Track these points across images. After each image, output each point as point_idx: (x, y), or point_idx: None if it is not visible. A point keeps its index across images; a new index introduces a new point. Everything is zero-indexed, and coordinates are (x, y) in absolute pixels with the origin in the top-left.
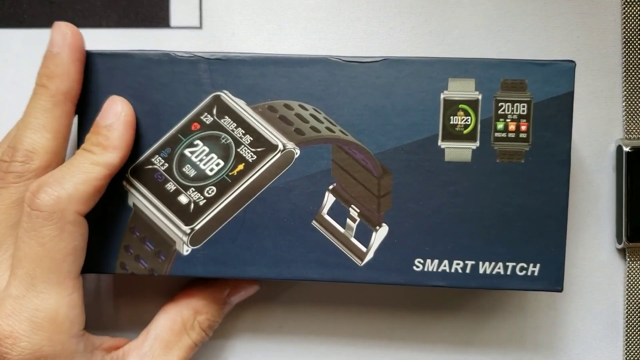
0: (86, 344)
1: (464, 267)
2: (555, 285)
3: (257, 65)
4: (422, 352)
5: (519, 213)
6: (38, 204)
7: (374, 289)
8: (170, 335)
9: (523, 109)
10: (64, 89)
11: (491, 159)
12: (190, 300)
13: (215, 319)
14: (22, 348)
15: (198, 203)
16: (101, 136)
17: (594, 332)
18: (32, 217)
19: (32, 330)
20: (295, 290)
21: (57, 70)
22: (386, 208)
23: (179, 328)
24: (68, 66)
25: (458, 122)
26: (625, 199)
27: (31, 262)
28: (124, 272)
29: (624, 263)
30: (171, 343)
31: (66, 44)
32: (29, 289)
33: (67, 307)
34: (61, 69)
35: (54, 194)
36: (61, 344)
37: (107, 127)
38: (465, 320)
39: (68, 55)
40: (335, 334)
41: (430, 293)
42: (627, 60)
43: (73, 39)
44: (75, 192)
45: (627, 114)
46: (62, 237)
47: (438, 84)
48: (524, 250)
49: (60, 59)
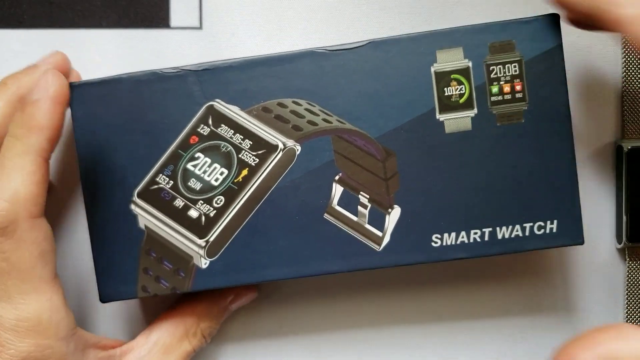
0: (77, 343)
1: (482, 235)
2: (575, 239)
3: (245, 69)
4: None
5: (527, 173)
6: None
7: (375, 284)
8: (171, 340)
9: (515, 69)
10: (21, 93)
11: (491, 124)
12: (194, 307)
13: (216, 326)
14: (10, 355)
15: (209, 215)
16: (25, 115)
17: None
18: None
19: (17, 339)
20: (294, 290)
21: (23, 73)
22: (395, 189)
23: (181, 334)
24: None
25: (452, 92)
26: (624, 199)
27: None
28: (146, 295)
29: (624, 263)
30: (172, 348)
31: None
32: (6, 302)
33: (48, 312)
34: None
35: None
36: (50, 348)
37: (32, 104)
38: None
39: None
40: (335, 334)
41: (448, 269)
42: (626, 60)
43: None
44: (17, 200)
45: (626, 113)
46: (23, 247)
47: (427, 58)
48: (539, 208)
49: (41, 109)
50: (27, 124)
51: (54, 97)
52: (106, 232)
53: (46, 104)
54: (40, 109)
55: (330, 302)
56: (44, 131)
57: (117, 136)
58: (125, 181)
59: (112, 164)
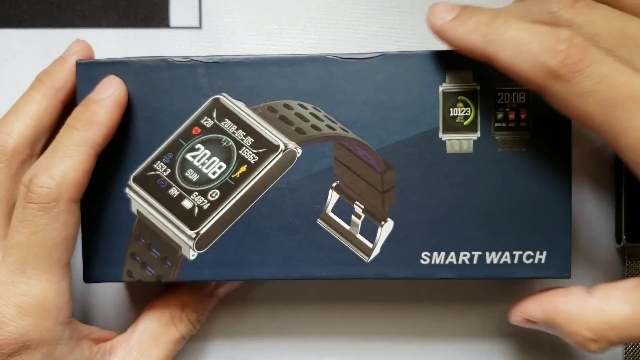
0: (72, 331)
1: (471, 258)
2: (562, 271)
3: (255, 67)
4: (428, 346)
5: (523, 201)
6: (31, 197)
7: (375, 287)
8: (158, 328)
9: (522, 97)
10: (57, 85)
11: (493, 149)
12: (178, 294)
13: (203, 311)
14: (8, 332)
15: (202, 207)
16: (88, 111)
17: None
18: (27, 209)
19: (19, 316)
20: (294, 289)
21: (57, 70)
22: (390, 203)
23: (166, 321)
24: (68, 70)
25: (458, 113)
26: (624, 199)
27: (22, 249)
28: (130, 280)
29: (624, 263)
30: (159, 336)
31: (76, 54)
32: (18, 275)
33: (55, 294)
34: (61, 70)
35: (45, 186)
36: (47, 330)
37: (96, 102)
38: (470, 313)
39: (73, 63)
40: (335, 333)
41: (435, 287)
42: None
43: (86, 53)
44: (64, 181)
45: None
46: (54, 227)
47: (436, 77)
48: (530, 238)
49: (64, 63)
50: (88, 119)
51: (117, 99)
52: (98, 213)
53: (109, 103)
54: (103, 108)
55: (310, 307)
56: (102, 127)
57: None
58: (122, 164)
59: (111, 146)
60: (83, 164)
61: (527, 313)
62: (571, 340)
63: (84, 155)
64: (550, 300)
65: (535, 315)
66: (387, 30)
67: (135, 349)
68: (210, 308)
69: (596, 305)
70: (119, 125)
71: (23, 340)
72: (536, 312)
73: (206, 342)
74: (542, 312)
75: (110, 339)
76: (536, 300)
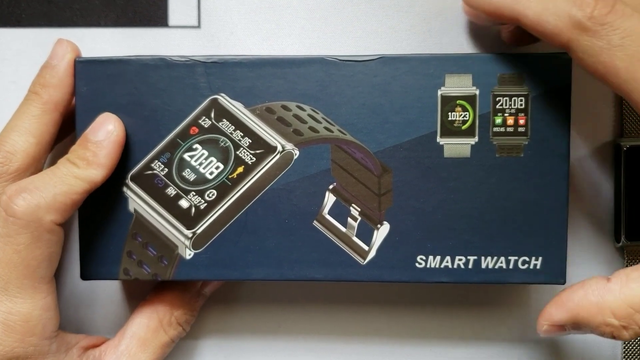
0: (60, 343)
1: (466, 263)
2: (557, 277)
3: (254, 67)
4: (422, 348)
5: (519, 207)
6: (14, 210)
7: (374, 287)
8: (146, 333)
9: (521, 103)
10: (55, 99)
11: (490, 154)
12: (165, 296)
13: (192, 312)
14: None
15: (199, 207)
16: (89, 151)
17: None
18: (9, 223)
19: (5, 332)
20: (294, 289)
21: (53, 81)
22: (387, 206)
23: (155, 325)
24: (63, 78)
25: (456, 118)
26: (623, 197)
27: (5, 268)
28: (127, 278)
29: (623, 262)
30: (148, 341)
31: (65, 59)
32: (2, 293)
33: (40, 310)
34: (56, 80)
35: (33, 202)
36: (33, 346)
37: (96, 144)
38: (465, 316)
39: (65, 69)
40: (334, 333)
41: (430, 290)
42: None
43: (72, 55)
44: (53, 202)
45: (625, 112)
46: (37, 245)
47: (435, 81)
48: (526, 243)
49: (57, 71)
50: (89, 159)
51: (116, 140)
52: (95, 211)
53: (109, 145)
54: (104, 149)
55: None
56: (103, 169)
57: (118, 117)
58: (120, 163)
59: None
60: (76, 195)
61: (550, 318)
62: (602, 333)
63: (80, 188)
64: (569, 297)
65: (560, 318)
66: (386, 29)
67: (125, 354)
68: (199, 307)
69: (617, 290)
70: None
71: (9, 356)
72: (559, 314)
73: (206, 341)
74: (565, 311)
75: (100, 345)
76: (556, 302)
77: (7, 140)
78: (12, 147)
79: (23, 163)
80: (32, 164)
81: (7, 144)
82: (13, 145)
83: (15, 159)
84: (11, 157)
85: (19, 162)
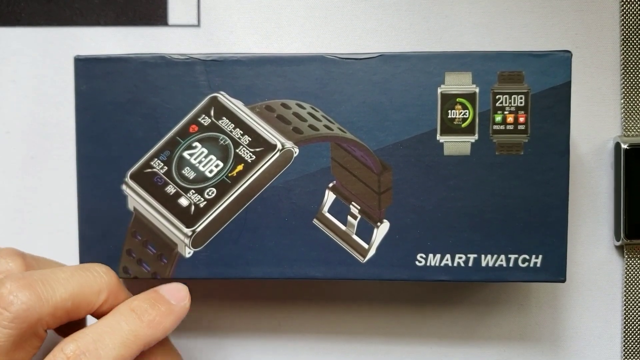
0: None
1: (467, 261)
2: (558, 275)
3: (254, 65)
4: (422, 347)
5: (519, 205)
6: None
7: (373, 285)
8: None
9: (521, 100)
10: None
11: (490, 152)
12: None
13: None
14: None
15: (199, 205)
16: (158, 311)
17: (592, 328)
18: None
19: None
20: (293, 287)
21: (166, 325)
22: (387, 204)
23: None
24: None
25: (456, 115)
26: (623, 196)
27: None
28: (126, 277)
29: (622, 260)
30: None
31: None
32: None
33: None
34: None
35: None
36: None
37: (169, 307)
38: (465, 315)
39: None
40: (334, 331)
41: (430, 289)
42: (625, 57)
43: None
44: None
45: (625, 111)
46: (26, 350)
47: (435, 79)
48: (526, 242)
49: (175, 317)
50: (156, 320)
51: (185, 311)
52: (95, 209)
53: (181, 312)
54: (173, 314)
55: (309, 306)
56: (162, 333)
57: (118, 115)
58: (120, 161)
59: (109, 142)
60: (129, 358)
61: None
62: None
63: (134, 350)
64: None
65: None
66: (386, 27)
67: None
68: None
69: None
70: (117, 126)
71: None
72: None
73: (205, 339)
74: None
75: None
76: None
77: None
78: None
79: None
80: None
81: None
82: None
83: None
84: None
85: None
